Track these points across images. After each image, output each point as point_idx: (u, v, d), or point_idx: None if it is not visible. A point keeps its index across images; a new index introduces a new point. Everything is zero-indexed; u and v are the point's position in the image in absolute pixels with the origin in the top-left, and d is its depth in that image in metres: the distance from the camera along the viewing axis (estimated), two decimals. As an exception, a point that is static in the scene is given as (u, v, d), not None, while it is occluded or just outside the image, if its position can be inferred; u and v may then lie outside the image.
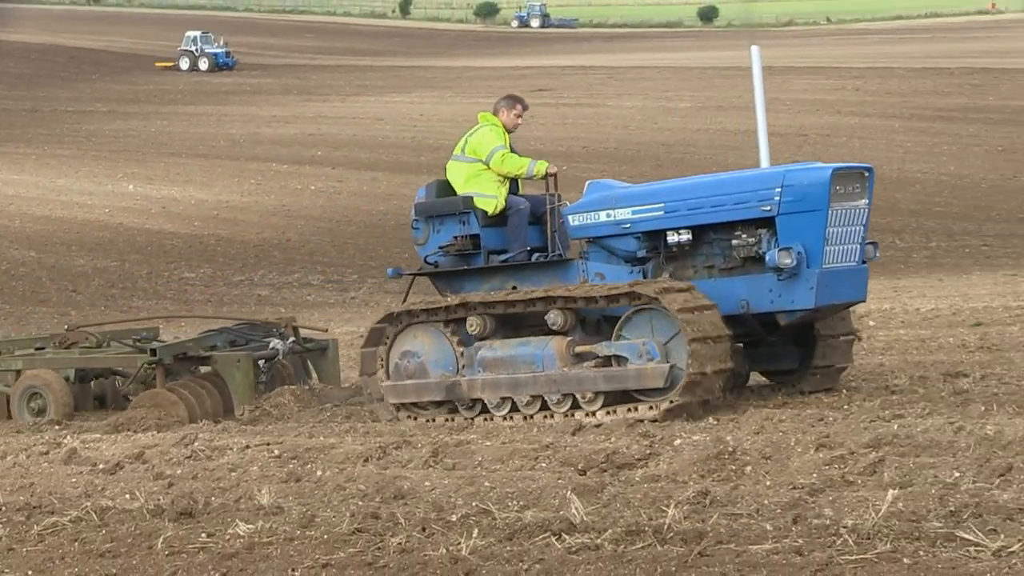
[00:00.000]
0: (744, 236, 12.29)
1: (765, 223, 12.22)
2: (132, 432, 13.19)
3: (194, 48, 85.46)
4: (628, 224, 12.67)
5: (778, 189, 12.09)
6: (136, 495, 9.84)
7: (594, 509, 8.45)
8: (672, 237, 12.49)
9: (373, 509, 8.86)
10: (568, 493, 8.78)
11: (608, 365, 12.17)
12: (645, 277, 12.57)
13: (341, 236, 38.77)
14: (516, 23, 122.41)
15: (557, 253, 12.99)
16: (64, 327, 16.19)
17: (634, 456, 10.00)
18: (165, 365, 14.33)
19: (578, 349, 12.32)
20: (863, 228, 12.34)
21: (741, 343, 12.72)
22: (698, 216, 12.44)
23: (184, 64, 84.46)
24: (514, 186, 13.38)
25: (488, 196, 13.18)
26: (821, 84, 64.31)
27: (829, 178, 12.01)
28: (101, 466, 11.31)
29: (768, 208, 12.12)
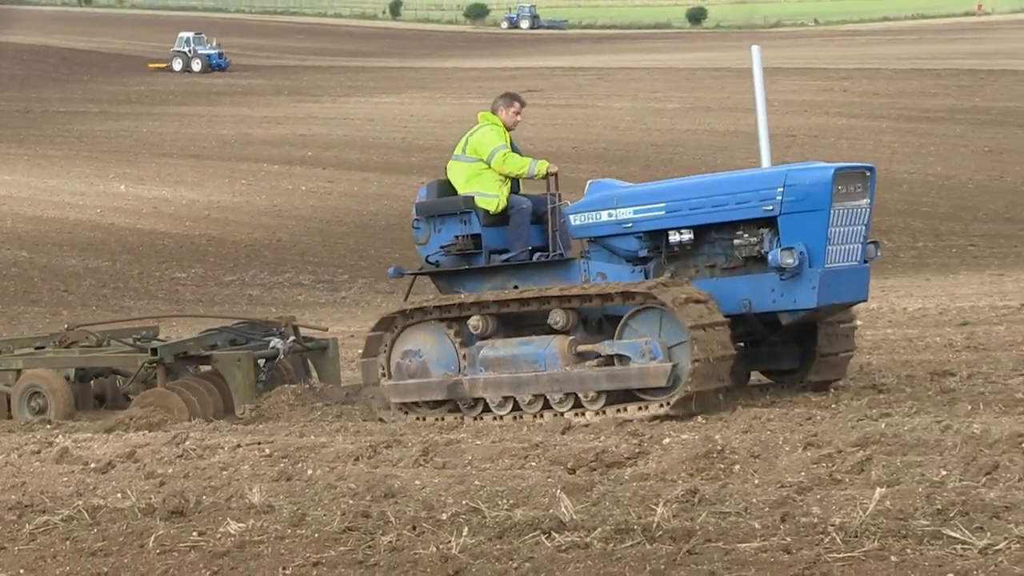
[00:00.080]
0: (746, 236, 12.31)
1: (767, 223, 12.24)
2: (124, 431, 13.20)
3: (187, 49, 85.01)
4: (630, 223, 12.68)
5: (780, 189, 12.11)
6: (128, 494, 9.87)
7: (583, 508, 8.48)
8: (674, 236, 12.51)
9: (363, 508, 8.89)
10: (558, 492, 8.81)
11: (610, 364, 12.21)
12: (647, 277, 12.56)
13: (332, 236, 38.71)
14: (506, 24, 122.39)
15: (558, 253, 13.00)
16: (64, 326, 16.17)
17: (623, 455, 10.03)
18: (166, 364, 14.35)
19: (580, 348, 12.34)
20: (865, 227, 12.37)
21: (743, 343, 12.75)
22: (700, 216, 12.46)
23: (177, 65, 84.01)
24: (515, 186, 13.39)
25: (489, 195, 13.19)
26: (809, 85, 64.27)
27: (831, 178, 12.03)
28: (93, 465, 11.31)
29: (770, 208, 12.14)
